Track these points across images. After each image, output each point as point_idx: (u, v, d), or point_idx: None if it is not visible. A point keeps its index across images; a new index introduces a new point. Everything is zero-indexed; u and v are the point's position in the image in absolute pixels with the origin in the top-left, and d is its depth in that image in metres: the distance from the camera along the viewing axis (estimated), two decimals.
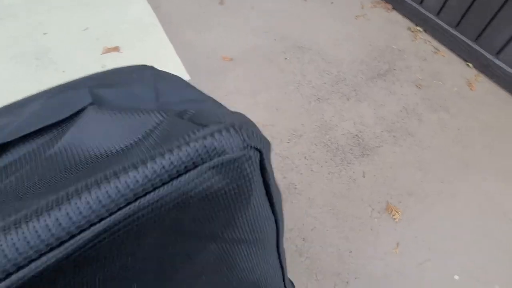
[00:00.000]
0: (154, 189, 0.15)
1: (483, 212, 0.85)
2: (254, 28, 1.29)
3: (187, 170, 0.16)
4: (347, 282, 0.72)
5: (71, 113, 0.32)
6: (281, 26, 1.31)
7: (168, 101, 0.36)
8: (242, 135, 0.16)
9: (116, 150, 0.29)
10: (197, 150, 0.15)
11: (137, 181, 0.15)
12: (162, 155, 0.15)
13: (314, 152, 0.93)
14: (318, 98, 1.07)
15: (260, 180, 0.18)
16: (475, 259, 0.76)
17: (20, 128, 0.31)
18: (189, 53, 1.18)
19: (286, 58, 1.19)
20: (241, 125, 0.18)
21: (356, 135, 0.98)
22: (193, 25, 1.28)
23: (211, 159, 0.16)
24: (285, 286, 0.39)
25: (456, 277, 0.73)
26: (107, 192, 0.14)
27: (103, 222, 0.14)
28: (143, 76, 0.39)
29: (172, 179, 0.15)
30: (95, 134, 0.30)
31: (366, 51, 1.24)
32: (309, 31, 1.30)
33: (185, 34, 1.25)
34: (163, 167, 0.15)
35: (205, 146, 0.16)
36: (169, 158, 0.15)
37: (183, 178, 0.15)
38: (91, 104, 0.32)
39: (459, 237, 0.80)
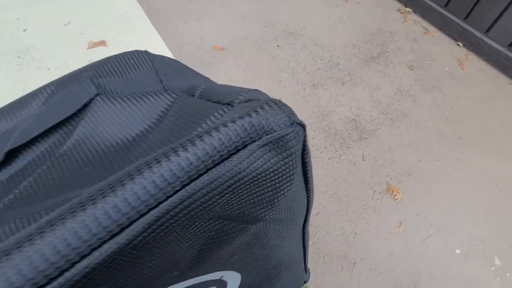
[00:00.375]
0: (207, 171, 0.15)
1: (479, 187, 0.88)
2: (244, 16, 1.27)
3: (237, 150, 0.15)
4: (354, 263, 0.73)
5: (78, 107, 0.31)
6: (270, 12, 1.29)
7: (172, 83, 0.35)
8: (286, 111, 0.16)
9: (132, 137, 0.29)
10: (245, 129, 0.15)
11: (190, 162, 0.14)
12: (210, 134, 0.15)
13: (313, 138, 0.93)
14: (313, 84, 1.07)
15: (300, 157, 0.18)
16: (475, 233, 0.78)
17: (27, 131, 0.29)
18: (179, 44, 1.16)
19: (278, 45, 1.18)
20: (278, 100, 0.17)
21: (353, 119, 0.99)
22: (181, 16, 1.25)
23: (259, 138, 0.15)
24: (305, 267, 0.40)
25: (458, 251, 0.75)
26: (161, 175, 0.14)
27: (160, 206, 0.14)
28: (140, 61, 0.37)
29: (223, 160, 0.15)
30: (107, 124, 0.29)
31: (358, 35, 1.24)
32: (299, 16, 1.28)
33: (173, 25, 1.22)
34: (214, 147, 0.14)
35: (252, 124, 0.15)
36: (219, 138, 0.15)
37: (234, 158, 0.15)
38: (97, 95, 0.31)
39: (458, 213, 0.82)
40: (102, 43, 1.28)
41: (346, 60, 1.15)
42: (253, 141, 0.15)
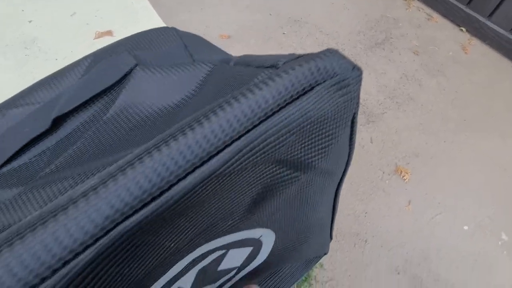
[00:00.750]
0: (280, 109, 0.16)
1: (485, 167, 0.90)
2: (248, 5, 1.28)
3: (305, 92, 0.17)
4: (366, 241, 0.75)
5: (119, 76, 0.32)
6: (275, 1, 1.29)
7: (200, 57, 0.37)
8: (346, 57, 0.17)
9: (175, 103, 0.30)
10: (312, 72, 0.17)
11: (266, 100, 0.16)
12: (280, 76, 0.16)
13: None
14: None
15: (357, 101, 0.19)
16: (482, 210, 0.81)
17: (71, 100, 0.31)
18: None
19: (284, 33, 1.19)
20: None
21: (361, 104, 1.00)
22: (186, 6, 1.26)
23: (324, 81, 0.17)
24: (331, 233, 0.42)
25: (466, 227, 0.77)
26: (242, 110, 0.15)
27: (242, 138, 0.15)
28: (169, 36, 0.39)
29: (293, 100, 0.16)
30: (148, 92, 0.31)
31: (362, 22, 1.25)
32: (303, 4, 1.29)
33: (179, 15, 1.23)
34: (286, 87, 0.16)
35: (318, 68, 0.17)
36: (290, 79, 0.16)
37: (304, 99, 0.16)
38: (136, 65, 0.32)
39: (465, 192, 0.84)
40: (109, 33, 1.29)
41: (351, 46, 1.16)
42: (319, 84, 0.17)
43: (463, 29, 1.24)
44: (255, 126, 0.16)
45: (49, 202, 0.23)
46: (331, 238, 0.44)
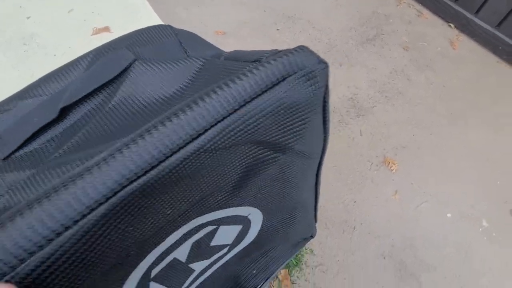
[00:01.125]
0: (257, 96, 0.19)
1: (469, 159, 0.94)
2: (244, 2, 1.30)
3: (278, 82, 0.20)
4: (354, 228, 0.79)
5: (120, 70, 0.35)
6: None
7: (195, 53, 0.40)
8: (313, 53, 0.21)
9: (173, 92, 0.33)
10: (284, 65, 0.20)
11: (245, 89, 0.19)
12: (258, 69, 0.20)
13: None
14: None
15: (324, 90, 0.23)
16: (465, 199, 0.85)
17: (76, 92, 0.34)
18: None
19: (277, 29, 1.22)
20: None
21: (351, 98, 1.04)
22: (182, 2, 1.28)
23: (295, 72, 0.20)
24: (315, 216, 0.45)
25: (449, 215, 0.82)
26: (228, 95, 0.18)
27: (226, 119, 0.18)
28: (165, 33, 0.42)
29: (268, 89, 0.20)
30: (147, 84, 0.34)
31: (354, 18, 1.28)
32: (298, 1, 1.32)
33: (175, 11, 1.25)
34: (262, 78, 0.19)
35: (290, 62, 0.20)
36: (266, 71, 0.19)
37: (277, 88, 0.20)
38: (134, 60, 0.36)
39: (449, 182, 0.88)
40: (106, 29, 1.31)
41: (343, 42, 1.19)
42: (290, 75, 0.20)
43: (452, 25, 1.28)
44: (235, 110, 0.19)
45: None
46: (315, 220, 0.47)
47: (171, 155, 0.18)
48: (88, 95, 0.35)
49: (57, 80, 0.38)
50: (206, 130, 0.18)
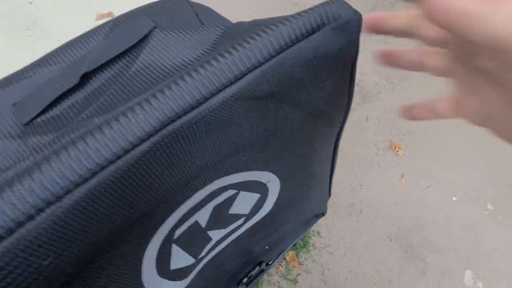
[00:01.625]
0: (293, 44, 0.20)
1: (475, 143, 0.94)
2: None
3: (314, 31, 0.20)
4: (360, 211, 0.80)
5: (139, 38, 0.35)
6: None
7: (211, 24, 0.39)
8: (348, 4, 0.21)
9: (194, 58, 0.33)
10: (320, 14, 0.20)
11: (282, 36, 0.19)
12: (295, 17, 0.20)
13: None
14: None
15: (357, 43, 0.23)
16: (470, 183, 0.85)
17: (96, 59, 0.34)
18: None
19: None
20: None
21: (357, 84, 1.04)
22: None
23: (330, 22, 0.20)
24: (329, 189, 0.45)
25: (454, 198, 0.82)
26: (273, 39, 0.18)
27: (267, 63, 0.18)
28: (182, 5, 0.42)
29: (304, 37, 0.20)
30: (167, 51, 0.34)
31: (359, 4, 1.26)
32: None
33: None
34: (300, 26, 0.19)
35: (326, 12, 0.20)
36: (303, 20, 0.20)
37: (313, 36, 0.20)
38: (154, 28, 0.35)
39: (455, 166, 0.89)
40: (110, 14, 1.30)
41: None
42: (325, 25, 0.20)
43: None
44: (272, 57, 0.19)
45: None
46: (329, 194, 0.48)
47: (210, 97, 0.18)
48: (108, 62, 0.35)
49: (76, 48, 0.37)
50: (244, 75, 0.18)
